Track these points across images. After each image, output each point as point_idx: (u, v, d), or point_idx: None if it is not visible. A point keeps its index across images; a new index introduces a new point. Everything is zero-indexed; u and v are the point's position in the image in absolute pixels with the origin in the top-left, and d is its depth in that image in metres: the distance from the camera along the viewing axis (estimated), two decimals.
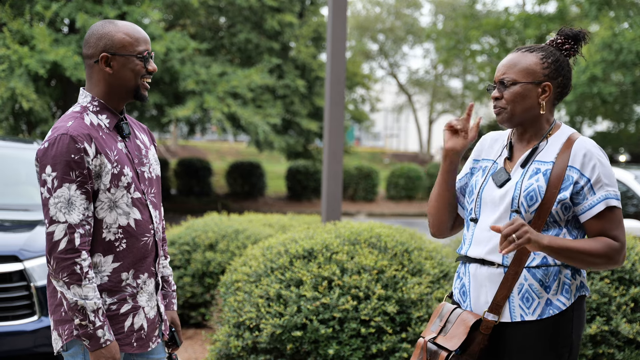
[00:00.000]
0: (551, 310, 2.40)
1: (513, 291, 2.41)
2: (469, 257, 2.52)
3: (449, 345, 2.44)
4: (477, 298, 2.49)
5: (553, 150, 2.46)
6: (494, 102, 2.52)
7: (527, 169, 2.46)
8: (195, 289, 6.34)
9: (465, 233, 2.61)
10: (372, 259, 4.17)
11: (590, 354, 3.91)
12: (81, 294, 2.35)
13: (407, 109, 38.55)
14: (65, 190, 2.35)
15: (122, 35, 2.47)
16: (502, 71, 2.50)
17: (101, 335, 2.37)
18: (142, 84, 2.51)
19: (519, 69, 2.48)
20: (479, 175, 2.59)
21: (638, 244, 4.31)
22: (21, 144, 6.35)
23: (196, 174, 20.70)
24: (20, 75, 13.04)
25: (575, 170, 2.41)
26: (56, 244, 2.34)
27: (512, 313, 2.42)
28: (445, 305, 2.57)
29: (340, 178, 6.55)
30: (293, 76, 17.93)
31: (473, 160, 2.68)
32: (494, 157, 2.60)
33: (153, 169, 2.62)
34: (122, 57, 2.47)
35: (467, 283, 2.53)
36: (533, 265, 2.41)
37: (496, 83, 2.52)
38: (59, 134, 2.38)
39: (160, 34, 14.43)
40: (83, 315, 2.35)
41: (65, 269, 2.34)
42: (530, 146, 2.51)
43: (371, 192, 21.75)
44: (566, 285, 2.43)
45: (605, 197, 2.39)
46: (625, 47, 17.44)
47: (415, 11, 34.63)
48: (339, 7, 6.49)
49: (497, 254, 2.43)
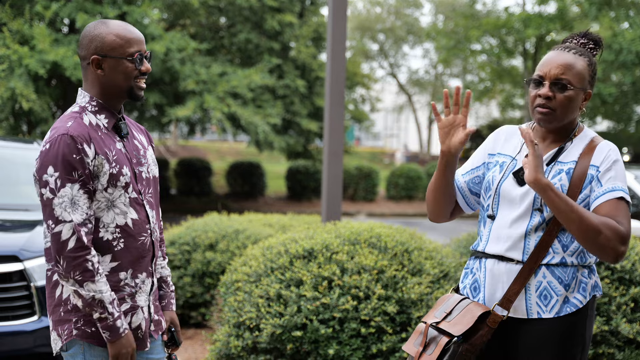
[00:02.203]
0: (568, 308, 2.40)
1: (530, 288, 2.40)
2: (487, 253, 2.49)
3: (452, 331, 2.41)
4: (493, 294, 2.47)
5: (576, 151, 2.45)
6: (539, 100, 2.42)
7: (551, 170, 2.43)
8: (195, 289, 6.34)
9: (481, 229, 2.57)
10: (372, 259, 4.17)
11: (590, 354, 3.91)
12: (96, 289, 2.36)
13: (407, 109, 38.56)
14: (68, 190, 2.35)
15: (112, 37, 2.45)
16: (560, 71, 2.41)
17: (120, 325, 2.40)
18: (136, 84, 2.50)
19: (574, 73, 2.41)
20: (495, 170, 2.54)
21: (638, 244, 4.31)
22: (21, 144, 6.34)
23: (196, 174, 20.69)
24: (20, 75, 13.04)
25: (595, 167, 2.41)
26: (65, 244, 2.34)
27: (529, 310, 2.41)
28: (453, 295, 2.54)
29: (340, 178, 6.55)
30: (293, 76, 17.93)
31: (488, 155, 2.62)
32: (512, 152, 2.55)
33: (151, 170, 2.62)
34: (113, 59, 2.45)
35: (482, 278, 2.50)
36: (553, 262, 2.40)
37: (545, 79, 2.42)
38: (60, 134, 2.38)
39: (160, 34, 14.43)
40: (102, 308, 2.37)
41: (78, 267, 2.34)
42: (554, 145, 2.49)
43: (371, 192, 21.74)
44: (583, 284, 2.43)
45: (614, 188, 2.37)
46: (625, 47, 17.45)
47: (415, 11, 34.64)
48: (339, 7, 6.49)
49: (517, 250, 2.42)
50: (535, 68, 12.13)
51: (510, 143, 2.58)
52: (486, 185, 2.55)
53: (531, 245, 2.41)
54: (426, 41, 31.58)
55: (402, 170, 22.41)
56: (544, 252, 2.39)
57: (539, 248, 2.39)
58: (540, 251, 2.39)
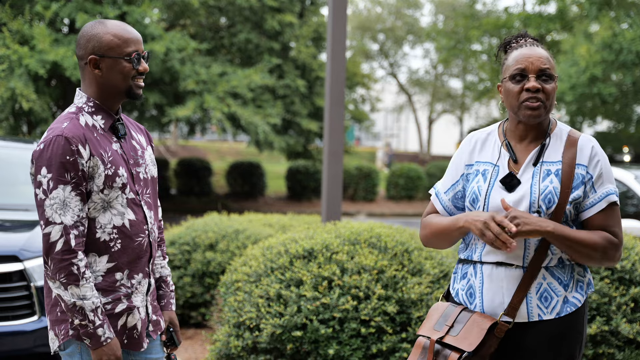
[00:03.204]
0: (568, 308, 2.40)
1: (531, 291, 2.39)
2: (485, 261, 2.45)
3: (462, 346, 2.37)
4: (492, 299, 2.42)
5: (558, 149, 2.44)
6: (526, 94, 2.38)
7: (539, 171, 2.41)
8: (195, 289, 6.34)
9: (475, 240, 2.50)
10: (372, 259, 4.17)
11: (590, 354, 3.90)
12: (79, 294, 2.34)
13: (407, 109, 38.55)
14: (60, 192, 2.35)
15: (110, 37, 2.45)
16: (543, 62, 2.39)
17: (101, 333, 2.37)
18: (134, 84, 2.49)
19: (552, 65, 2.42)
20: (479, 180, 2.48)
21: (638, 244, 4.30)
22: (21, 144, 6.35)
23: (196, 174, 20.69)
24: (20, 75, 13.04)
25: (583, 167, 2.41)
26: (53, 245, 2.34)
27: (530, 313, 2.39)
28: (448, 305, 2.50)
29: (340, 178, 6.55)
30: (293, 76, 17.93)
31: (465, 166, 2.55)
32: (491, 159, 2.50)
33: (149, 170, 2.61)
34: (110, 59, 2.44)
35: (479, 284, 2.46)
36: (552, 264, 2.40)
37: (529, 72, 2.39)
38: (54, 135, 2.37)
39: (160, 34, 14.44)
40: (82, 315, 2.35)
41: (63, 269, 2.33)
42: (533, 145, 2.46)
43: (371, 192, 21.74)
44: (580, 282, 2.44)
45: (607, 193, 2.41)
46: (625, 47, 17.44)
47: (416, 11, 34.64)
48: (339, 7, 6.49)
49: (517, 256, 2.40)
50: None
51: (486, 149, 2.54)
52: (473, 197, 2.48)
53: (531, 251, 2.40)
54: (426, 41, 31.60)
55: (402, 170, 22.41)
56: (544, 255, 2.39)
57: (539, 252, 2.38)
58: (541, 255, 2.39)
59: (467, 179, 2.55)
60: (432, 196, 2.65)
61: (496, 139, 2.53)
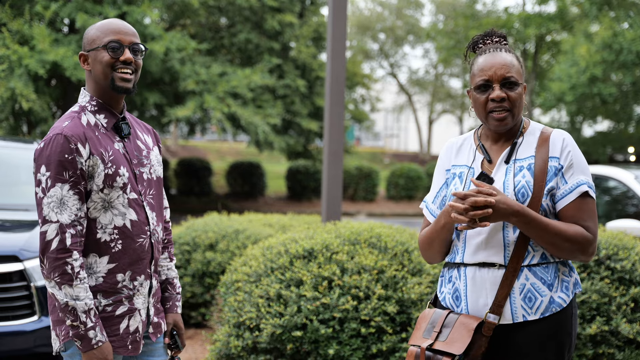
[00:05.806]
0: (553, 308, 2.39)
1: (514, 292, 2.39)
2: (467, 263, 2.46)
3: (452, 350, 2.37)
4: (476, 301, 2.44)
5: (531, 146, 2.46)
6: (492, 104, 2.41)
7: (512, 168, 2.43)
8: (195, 289, 6.34)
9: (457, 242, 2.52)
10: (372, 259, 4.17)
11: (590, 354, 3.90)
12: (72, 294, 2.33)
13: (407, 108, 38.56)
14: (57, 190, 2.34)
15: (94, 31, 2.47)
16: (505, 70, 2.41)
17: (93, 336, 2.34)
18: (117, 75, 2.43)
19: (516, 70, 2.44)
20: (456, 182, 2.52)
21: (638, 244, 4.30)
22: (21, 144, 6.35)
23: (196, 174, 20.71)
24: (20, 75, 13.05)
25: (556, 159, 2.42)
26: (49, 244, 2.33)
27: (514, 314, 2.39)
28: (435, 311, 2.50)
29: (340, 178, 6.55)
30: (293, 76, 17.93)
31: (445, 172, 2.60)
32: (466, 162, 2.54)
33: (154, 170, 2.58)
34: (93, 51, 2.45)
35: (463, 287, 2.47)
36: (533, 263, 2.40)
37: (493, 82, 2.42)
38: (54, 134, 2.37)
39: (160, 34, 14.44)
40: (74, 316, 2.33)
41: (57, 268, 2.32)
42: (507, 144, 2.49)
43: (371, 192, 21.75)
44: (565, 283, 2.43)
45: (578, 184, 2.40)
46: (625, 47, 17.45)
47: (416, 11, 34.64)
48: (339, 7, 6.48)
49: (498, 255, 2.41)
50: (534, 68, 12.01)
51: (462, 153, 2.58)
52: (450, 198, 2.50)
53: (511, 247, 2.40)
54: (426, 41, 31.59)
55: (402, 170, 22.42)
56: (524, 251, 2.39)
57: (518, 247, 2.39)
58: (520, 250, 2.39)
59: (447, 184, 2.59)
60: (423, 209, 2.67)
61: (472, 143, 2.57)
